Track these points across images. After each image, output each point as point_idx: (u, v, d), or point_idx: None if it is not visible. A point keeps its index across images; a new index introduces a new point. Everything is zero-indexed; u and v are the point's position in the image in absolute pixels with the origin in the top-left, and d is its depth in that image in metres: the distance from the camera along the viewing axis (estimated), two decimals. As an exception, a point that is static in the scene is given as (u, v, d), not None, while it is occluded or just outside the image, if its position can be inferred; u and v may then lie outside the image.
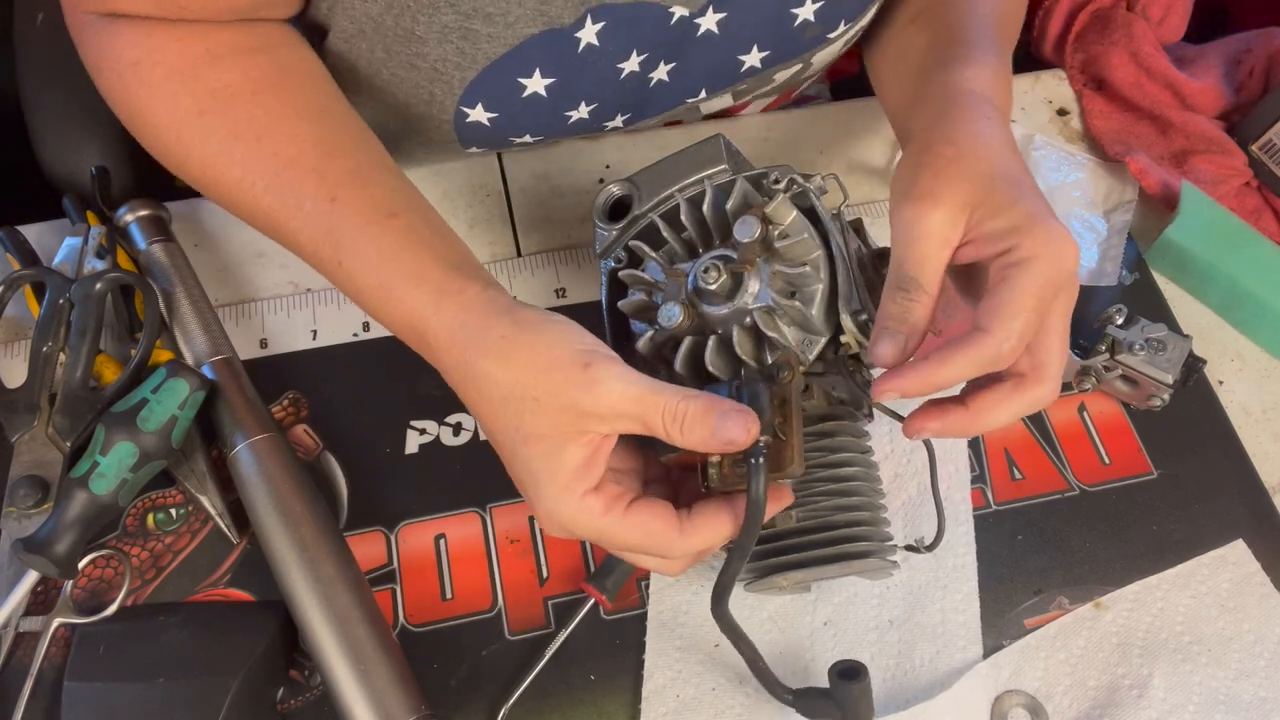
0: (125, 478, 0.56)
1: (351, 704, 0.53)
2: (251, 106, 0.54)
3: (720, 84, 0.67)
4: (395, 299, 0.51)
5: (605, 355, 0.47)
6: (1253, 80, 0.82)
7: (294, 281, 0.70)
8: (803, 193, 0.54)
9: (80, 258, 0.65)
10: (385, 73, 0.60)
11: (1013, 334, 0.47)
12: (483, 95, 0.60)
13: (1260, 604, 0.62)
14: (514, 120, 0.62)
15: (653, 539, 0.48)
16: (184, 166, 0.56)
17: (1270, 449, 0.69)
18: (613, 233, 0.58)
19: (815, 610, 0.60)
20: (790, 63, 0.67)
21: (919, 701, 0.57)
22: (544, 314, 0.49)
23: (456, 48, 0.57)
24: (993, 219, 0.49)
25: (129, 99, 0.56)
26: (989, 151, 0.51)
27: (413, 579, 0.60)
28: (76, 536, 0.55)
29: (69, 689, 0.53)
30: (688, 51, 0.63)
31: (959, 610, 0.61)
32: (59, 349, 0.62)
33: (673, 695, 0.57)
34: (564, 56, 0.59)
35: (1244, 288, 0.71)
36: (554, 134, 0.65)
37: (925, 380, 0.47)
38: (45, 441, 0.60)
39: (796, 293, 0.52)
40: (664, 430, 0.46)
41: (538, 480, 0.47)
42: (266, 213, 0.54)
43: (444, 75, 0.59)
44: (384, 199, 0.53)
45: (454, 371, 0.50)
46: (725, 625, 0.50)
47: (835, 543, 0.52)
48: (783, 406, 0.48)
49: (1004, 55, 0.60)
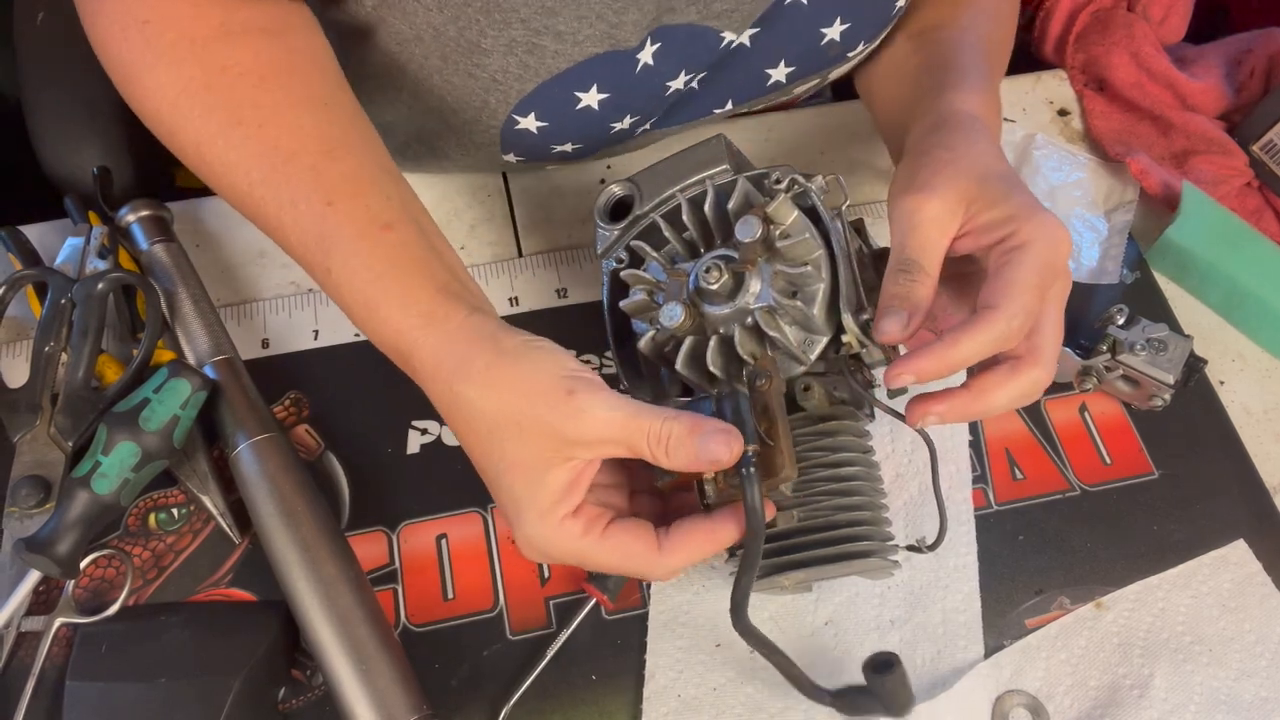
0: (127, 478, 0.56)
1: (353, 704, 0.53)
2: (258, 91, 0.53)
3: (746, 96, 0.68)
4: (381, 318, 0.51)
5: (588, 381, 0.47)
6: (1253, 80, 0.82)
7: (295, 282, 0.70)
8: (804, 193, 0.54)
9: (82, 258, 0.65)
10: (438, 79, 0.60)
11: (1020, 311, 0.48)
12: (537, 106, 0.60)
13: (1261, 604, 0.62)
14: (562, 130, 0.63)
15: (631, 559, 0.48)
16: (174, 137, 0.55)
17: (1271, 449, 0.69)
18: (614, 233, 0.58)
19: (817, 610, 0.60)
20: (810, 78, 0.69)
21: (921, 702, 0.57)
22: (527, 340, 0.49)
23: (520, 61, 0.57)
24: (989, 210, 0.51)
25: (129, 56, 0.54)
26: (983, 157, 0.54)
27: (414, 579, 0.60)
28: (78, 536, 0.55)
29: (71, 689, 0.53)
30: (724, 68, 0.64)
31: (960, 610, 0.61)
32: (61, 349, 0.62)
33: (674, 695, 0.57)
34: (623, 75, 0.60)
35: (1245, 288, 0.71)
36: (594, 143, 0.66)
37: (939, 361, 0.48)
38: (47, 441, 0.60)
39: (798, 292, 0.52)
40: (649, 454, 0.46)
41: (519, 506, 0.48)
42: (258, 203, 0.53)
43: (502, 85, 0.59)
44: (380, 208, 0.52)
45: (439, 398, 0.50)
46: (751, 637, 0.49)
47: (837, 542, 0.52)
48: (766, 413, 0.49)
49: (993, 83, 0.63)
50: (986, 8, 0.68)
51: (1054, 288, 0.51)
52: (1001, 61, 0.69)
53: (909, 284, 0.50)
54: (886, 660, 0.52)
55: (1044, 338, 0.51)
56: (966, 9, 0.67)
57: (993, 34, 0.67)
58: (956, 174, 0.52)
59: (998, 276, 0.50)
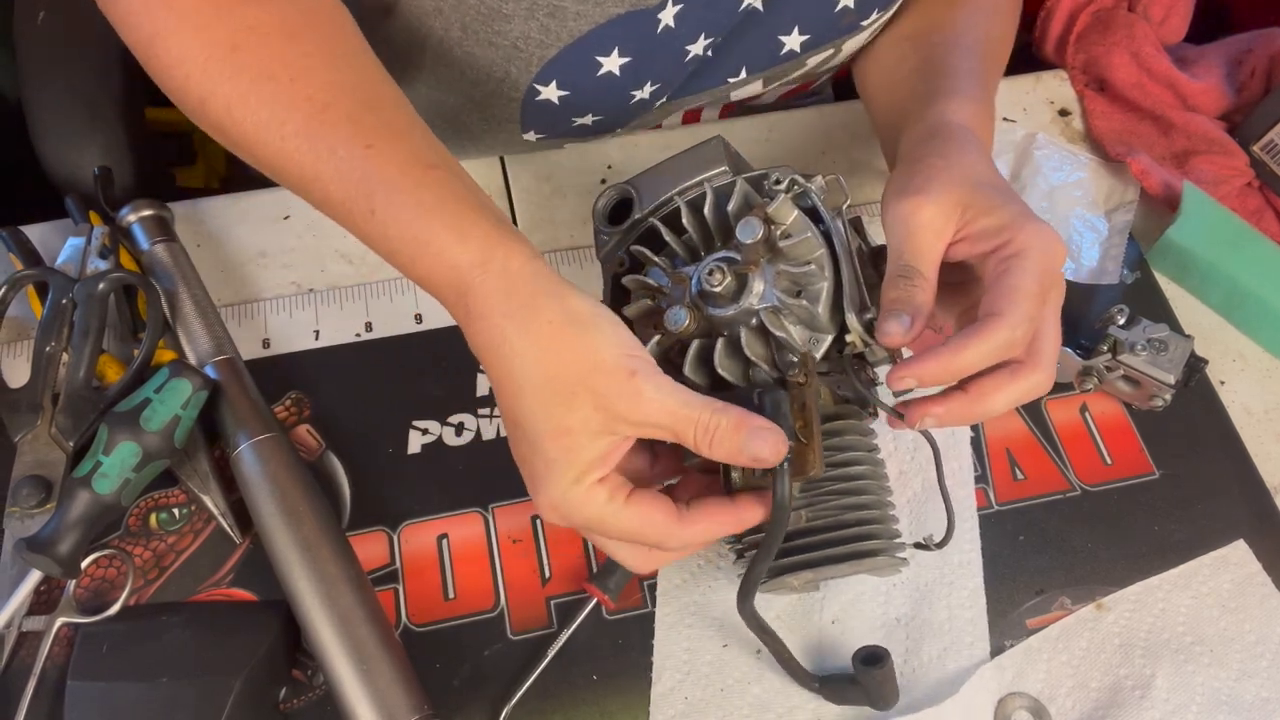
0: (128, 477, 0.56)
1: (354, 703, 0.53)
2: (286, 46, 0.51)
3: (759, 65, 0.68)
4: (434, 253, 0.48)
5: (647, 363, 0.46)
6: (1254, 81, 0.82)
7: (296, 281, 0.70)
8: (803, 192, 0.54)
9: (83, 258, 0.65)
10: (459, 50, 0.60)
11: (1024, 318, 0.48)
12: (559, 73, 0.60)
13: (1262, 604, 0.62)
14: (583, 99, 0.62)
15: (651, 527, 0.48)
16: (205, 105, 0.53)
17: (1272, 449, 0.69)
18: (614, 236, 0.58)
19: (824, 609, 0.61)
20: (824, 47, 0.68)
21: (927, 697, 0.57)
22: (594, 307, 0.47)
23: (541, 25, 0.57)
24: (984, 217, 0.51)
25: (151, 27, 0.53)
26: (975, 166, 0.54)
27: (415, 579, 0.60)
28: (79, 536, 0.55)
29: (72, 689, 0.53)
30: (738, 32, 0.64)
31: (965, 606, 0.61)
32: (62, 349, 0.62)
33: (681, 697, 0.58)
34: (643, 37, 0.60)
35: (1245, 288, 0.71)
36: (615, 114, 0.65)
37: (943, 366, 0.48)
38: (48, 441, 0.60)
39: (802, 291, 0.52)
40: (694, 443, 0.46)
41: (551, 469, 0.47)
42: (293, 156, 0.51)
43: (523, 53, 0.59)
44: (424, 150, 0.51)
45: (485, 339, 0.48)
46: (752, 621, 0.52)
47: (846, 541, 0.52)
48: (803, 411, 0.49)
49: (988, 90, 0.63)
50: (984, 5, 0.68)
51: (1052, 293, 0.51)
52: (1000, 60, 0.68)
53: (909, 288, 0.50)
54: (876, 654, 0.55)
55: (1044, 342, 0.51)
56: (963, 8, 0.67)
57: (991, 31, 0.67)
58: (950, 180, 0.52)
59: (999, 284, 0.50)
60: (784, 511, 0.48)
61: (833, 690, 0.57)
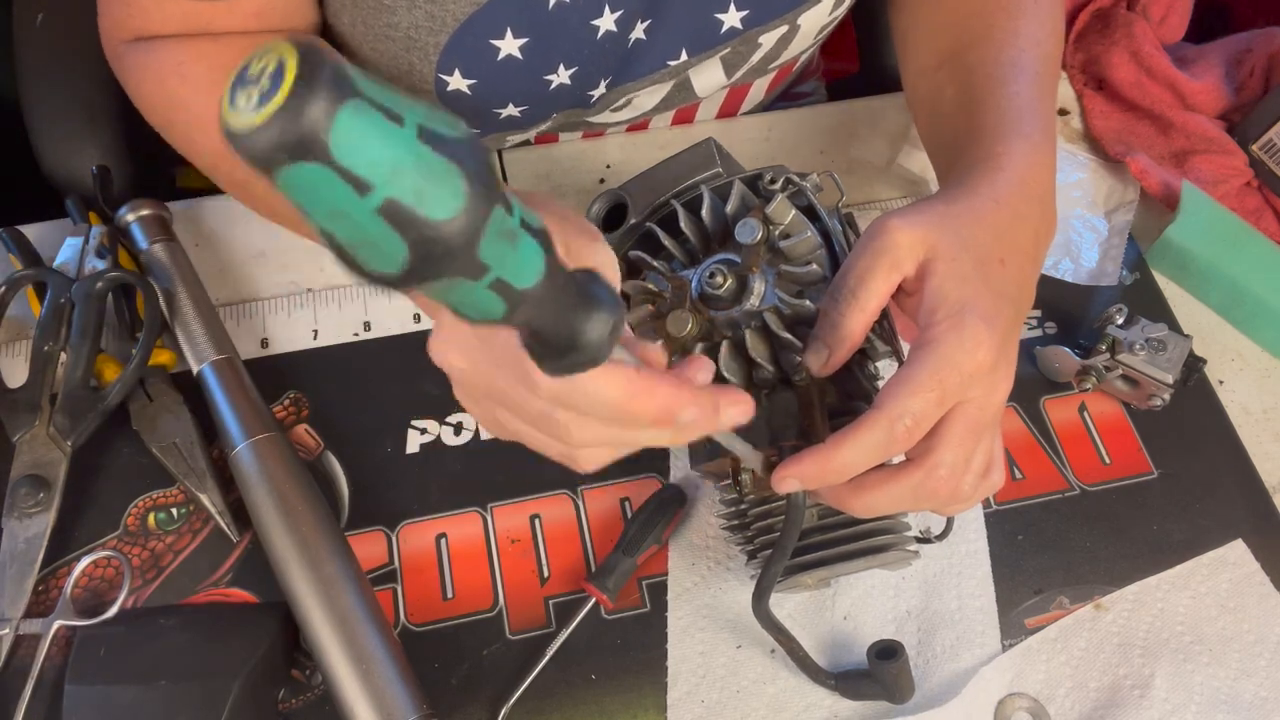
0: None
1: (353, 703, 0.53)
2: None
3: (701, 46, 0.66)
4: None
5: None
6: (1253, 80, 0.82)
7: (295, 281, 0.70)
8: (799, 191, 0.54)
9: (81, 257, 0.65)
10: (366, 48, 0.60)
11: (905, 414, 0.44)
12: (459, 60, 0.60)
13: (1260, 604, 0.62)
14: (494, 87, 0.62)
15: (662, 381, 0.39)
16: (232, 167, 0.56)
17: (1270, 449, 0.69)
18: (609, 242, 0.58)
19: (835, 605, 0.61)
20: (772, 24, 0.65)
21: (941, 688, 0.58)
22: None
23: (425, 12, 0.57)
24: (943, 281, 0.47)
25: (172, 102, 0.56)
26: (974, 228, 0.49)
27: (414, 578, 0.60)
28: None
29: (70, 691, 0.53)
30: (663, 8, 0.62)
31: (975, 595, 0.61)
32: (60, 349, 0.62)
33: (698, 701, 0.58)
34: (535, 14, 0.59)
35: (1244, 287, 0.71)
36: (539, 104, 0.64)
37: (820, 468, 0.45)
38: (46, 441, 0.60)
39: (804, 290, 0.52)
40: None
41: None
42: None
43: (418, 42, 0.59)
44: None
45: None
46: (767, 622, 0.53)
47: (859, 538, 0.53)
48: (809, 410, 0.49)
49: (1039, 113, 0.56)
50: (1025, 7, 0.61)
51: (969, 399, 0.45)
52: (1051, 69, 0.60)
53: (837, 316, 0.47)
54: (891, 647, 0.56)
55: (942, 444, 0.46)
56: (1001, 12, 0.61)
57: (1036, 34, 0.60)
58: (941, 225, 0.48)
59: (899, 370, 0.46)
60: (799, 511, 0.48)
61: (848, 686, 0.57)
